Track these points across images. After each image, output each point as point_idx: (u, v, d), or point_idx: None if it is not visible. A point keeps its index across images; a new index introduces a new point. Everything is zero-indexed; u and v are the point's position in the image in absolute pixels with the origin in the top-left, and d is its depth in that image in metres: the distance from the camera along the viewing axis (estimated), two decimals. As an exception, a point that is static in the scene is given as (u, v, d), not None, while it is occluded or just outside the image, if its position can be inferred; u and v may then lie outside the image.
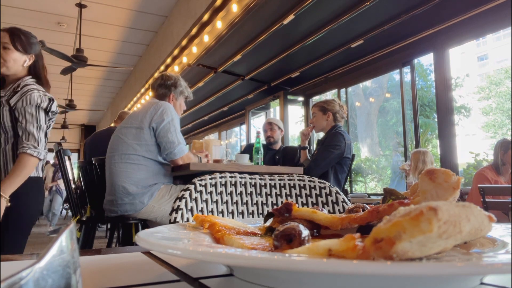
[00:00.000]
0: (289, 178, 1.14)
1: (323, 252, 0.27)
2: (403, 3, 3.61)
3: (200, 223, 0.46)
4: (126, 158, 2.33)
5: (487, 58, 10.77)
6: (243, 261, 0.26)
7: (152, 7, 5.47)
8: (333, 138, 3.13)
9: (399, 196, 0.41)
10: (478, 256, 0.35)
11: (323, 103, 3.34)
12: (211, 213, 1.01)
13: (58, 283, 0.19)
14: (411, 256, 0.25)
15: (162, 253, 0.40)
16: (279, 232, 0.32)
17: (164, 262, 0.46)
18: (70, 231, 0.22)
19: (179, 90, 2.68)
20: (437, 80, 4.08)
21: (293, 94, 6.14)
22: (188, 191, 0.99)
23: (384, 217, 0.28)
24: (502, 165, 3.39)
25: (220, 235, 0.40)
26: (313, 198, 1.11)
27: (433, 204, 0.24)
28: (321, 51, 4.71)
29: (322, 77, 5.54)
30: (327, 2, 3.62)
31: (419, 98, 4.68)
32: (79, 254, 0.39)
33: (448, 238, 0.24)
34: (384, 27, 3.94)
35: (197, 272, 0.40)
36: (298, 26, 4.08)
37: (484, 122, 8.32)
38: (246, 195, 1.08)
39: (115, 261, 0.50)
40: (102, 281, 0.37)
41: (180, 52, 5.32)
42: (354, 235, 0.27)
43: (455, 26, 3.80)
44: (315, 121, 3.33)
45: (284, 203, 0.42)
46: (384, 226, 0.25)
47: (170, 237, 0.40)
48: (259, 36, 4.35)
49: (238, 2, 3.88)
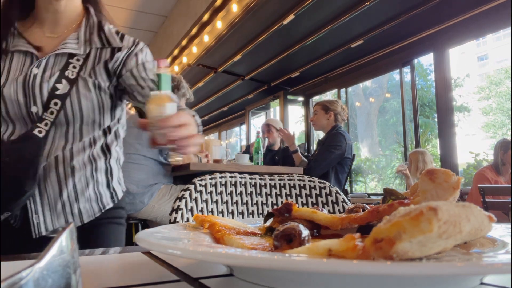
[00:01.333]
0: (289, 178, 1.14)
1: (323, 252, 0.27)
2: (403, 3, 3.61)
3: (200, 223, 0.46)
4: (127, 158, 2.33)
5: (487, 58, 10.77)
6: (243, 261, 0.26)
7: (152, 7, 5.47)
8: (334, 139, 3.14)
9: (399, 196, 0.41)
10: (478, 256, 0.35)
11: (326, 102, 3.35)
12: (211, 213, 1.01)
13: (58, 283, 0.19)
14: (411, 256, 0.25)
15: (162, 253, 0.40)
16: (279, 232, 0.32)
17: (164, 262, 0.46)
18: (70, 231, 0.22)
19: (181, 93, 2.68)
20: (437, 80, 4.08)
21: (293, 94, 6.14)
22: (188, 191, 0.99)
23: (384, 217, 0.28)
24: (502, 165, 3.39)
25: (220, 235, 0.40)
26: (313, 198, 1.11)
27: (433, 204, 0.24)
28: (321, 51, 4.71)
29: (322, 77, 5.54)
30: (327, 2, 3.62)
31: (419, 98, 4.68)
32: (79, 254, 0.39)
33: (448, 238, 0.24)
34: (384, 27, 3.94)
35: (197, 272, 0.40)
36: (298, 26, 4.07)
37: (484, 122, 8.31)
38: (246, 195, 1.08)
39: (115, 261, 0.50)
40: (102, 281, 0.37)
41: (180, 52, 5.32)
42: (354, 235, 0.27)
43: (455, 26, 3.79)
44: (316, 119, 3.34)
45: (284, 203, 0.42)
46: (384, 226, 0.25)
47: (170, 237, 0.40)
48: (259, 36, 4.35)
49: (238, 2, 3.88)
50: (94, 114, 1.04)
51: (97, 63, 1.05)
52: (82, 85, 1.01)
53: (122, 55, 1.08)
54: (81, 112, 1.01)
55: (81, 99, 1.01)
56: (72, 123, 1.02)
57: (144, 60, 1.11)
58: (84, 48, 1.05)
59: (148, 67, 1.10)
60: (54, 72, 1.01)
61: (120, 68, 1.08)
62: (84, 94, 1.01)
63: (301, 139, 6.44)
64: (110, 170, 1.12)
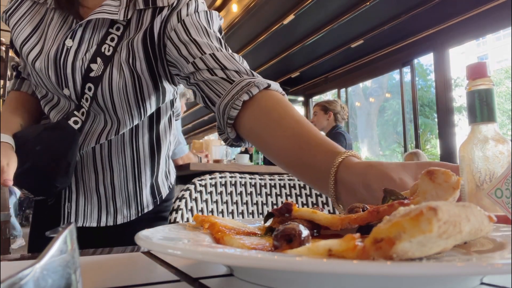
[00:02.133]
0: (289, 178, 1.14)
1: (323, 252, 0.27)
2: (403, 3, 3.61)
3: (200, 223, 0.46)
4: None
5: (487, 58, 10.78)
6: (243, 261, 0.26)
7: (152, 7, 5.46)
8: (334, 139, 3.12)
9: (399, 196, 0.41)
10: (478, 256, 0.35)
11: (325, 103, 3.37)
12: (211, 213, 1.01)
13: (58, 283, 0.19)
14: (411, 256, 0.25)
15: (162, 253, 0.40)
16: (279, 232, 0.32)
17: (164, 262, 0.46)
18: (70, 231, 0.22)
19: (181, 93, 2.68)
20: (437, 80, 4.08)
21: (293, 94, 6.14)
22: (188, 191, 0.99)
23: (384, 217, 0.28)
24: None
25: (220, 235, 0.40)
26: (313, 198, 1.11)
27: (433, 204, 0.24)
28: (321, 51, 4.72)
29: (322, 77, 5.55)
30: (327, 2, 3.62)
31: (419, 98, 4.68)
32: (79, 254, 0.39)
33: (448, 238, 0.24)
34: (384, 27, 3.94)
35: (197, 272, 0.40)
36: (298, 26, 4.08)
37: (484, 122, 8.30)
38: (246, 195, 1.08)
39: (115, 261, 0.50)
40: (102, 281, 0.37)
41: (180, 52, 5.31)
42: (354, 235, 0.27)
43: (455, 26, 3.80)
44: (316, 120, 3.35)
45: (284, 203, 0.42)
46: (384, 226, 0.25)
47: (170, 237, 0.40)
48: (259, 36, 4.35)
49: (238, 2, 3.88)
50: (129, 99, 0.81)
51: (137, 32, 0.79)
52: (116, 63, 0.79)
53: (163, 16, 0.78)
54: (112, 98, 0.80)
55: (112, 81, 0.79)
56: (106, 110, 0.83)
57: (190, 14, 0.77)
58: (124, 12, 0.79)
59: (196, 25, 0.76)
60: (91, 45, 0.80)
61: (161, 36, 0.78)
62: (116, 75, 0.79)
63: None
64: (156, 166, 0.95)
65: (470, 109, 0.55)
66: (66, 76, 0.80)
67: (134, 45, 0.78)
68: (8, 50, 4.39)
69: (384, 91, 7.97)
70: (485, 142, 0.53)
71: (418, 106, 4.50)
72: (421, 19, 3.77)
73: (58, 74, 0.80)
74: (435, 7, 3.52)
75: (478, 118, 0.54)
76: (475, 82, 0.55)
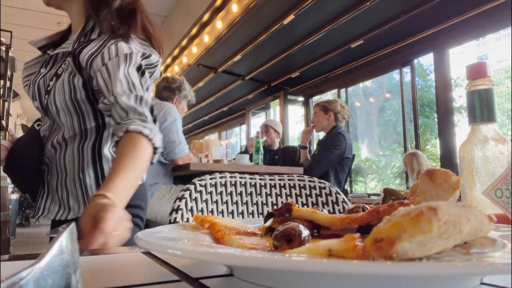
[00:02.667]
0: (289, 178, 1.14)
1: (323, 252, 0.27)
2: (403, 3, 3.61)
3: (200, 223, 0.46)
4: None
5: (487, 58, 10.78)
6: (243, 261, 0.26)
7: (152, 7, 5.47)
8: (334, 139, 3.14)
9: (399, 196, 0.41)
10: (478, 256, 0.35)
11: (325, 103, 3.36)
12: (211, 213, 1.01)
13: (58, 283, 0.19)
14: (411, 256, 0.25)
15: (162, 253, 0.40)
16: (279, 232, 0.32)
17: (164, 262, 0.46)
18: (70, 231, 0.22)
19: (183, 94, 2.68)
20: (437, 80, 4.08)
21: (293, 94, 6.13)
22: (188, 191, 0.99)
23: (384, 217, 0.28)
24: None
25: (220, 235, 0.40)
26: (313, 198, 1.11)
27: (433, 204, 0.24)
28: (321, 51, 4.71)
29: (322, 77, 5.54)
30: (327, 2, 3.62)
31: (419, 98, 4.68)
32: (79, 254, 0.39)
33: (448, 238, 0.24)
34: (384, 27, 3.94)
35: (197, 272, 0.40)
36: (298, 26, 4.07)
37: (484, 122, 8.30)
38: (246, 195, 1.08)
39: (115, 261, 0.50)
40: (102, 281, 0.37)
41: (180, 52, 5.32)
42: (354, 235, 0.27)
43: (455, 26, 3.79)
44: (316, 121, 3.35)
45: (284, 203, 0.42)
46: (384, 226, 0.25)
47: (170, 237, 0.40)
48: (259, 36, 4.35)
49: (238, 2, 3.88)
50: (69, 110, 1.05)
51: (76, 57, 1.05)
52: (60, 80, 1.05)
53: (92, 47, 1.03)
54: (56, 106, 1.05)
55: (55, 93, 1.04)
56: (54, 116, 1.08)
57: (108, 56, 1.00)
58: (73, 45, 1.07)
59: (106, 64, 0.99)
60: (54, 71, 1.08)
61: (88, 62, 1.02)
62: (59, 88, 1.04)
63: (301, 138, 6.44)
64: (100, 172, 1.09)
65: (470, 109, 0.55)
66: (34, 92, 1.09)
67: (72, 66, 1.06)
68: (8, 50, 4.38)
69: (384, 91, 7.97)
70: (485, 143, 0.53)
71: (418, 106, 4.50)
72: (421, 19, 3.77)
73: (33, 92, 1.10)
74: (435, 7, 3.52)
75: (478, 118, 0.54)
76: (475, 82, 0.55)
